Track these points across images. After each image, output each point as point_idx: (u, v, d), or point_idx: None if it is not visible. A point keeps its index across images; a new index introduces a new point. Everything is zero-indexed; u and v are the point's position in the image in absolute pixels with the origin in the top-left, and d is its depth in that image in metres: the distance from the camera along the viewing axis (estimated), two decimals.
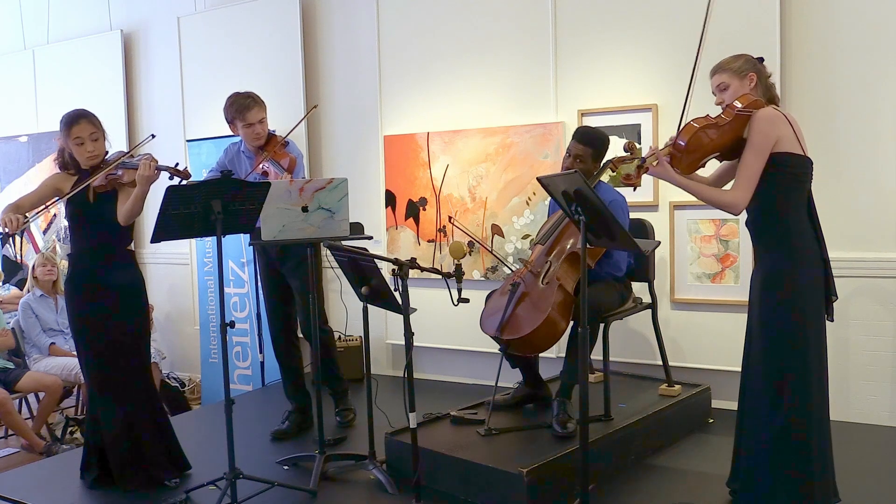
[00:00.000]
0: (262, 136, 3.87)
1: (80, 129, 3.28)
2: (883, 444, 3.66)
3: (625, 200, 3.61)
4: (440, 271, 3.20)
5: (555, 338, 3.38)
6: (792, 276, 2.62)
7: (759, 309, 2.72)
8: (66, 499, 3.33)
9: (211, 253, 5.59)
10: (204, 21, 5.77)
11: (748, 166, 2.61)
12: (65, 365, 4.92)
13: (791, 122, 2.65)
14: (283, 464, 3.59)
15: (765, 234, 2.71)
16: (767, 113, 2.63)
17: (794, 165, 2.63)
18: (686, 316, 4.25)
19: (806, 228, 2.66)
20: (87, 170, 3.33)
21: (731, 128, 2.66)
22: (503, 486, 2.97)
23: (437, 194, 4.89)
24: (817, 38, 3.91)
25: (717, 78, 2.78)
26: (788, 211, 2.65)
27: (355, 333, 5.07)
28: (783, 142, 2.60)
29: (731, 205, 2.66)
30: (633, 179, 2.74)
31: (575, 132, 3.63)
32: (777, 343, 2.64)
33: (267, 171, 3.81)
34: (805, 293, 2.62)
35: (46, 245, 6.76)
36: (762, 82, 2.74)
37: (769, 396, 2.65)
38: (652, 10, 4.22)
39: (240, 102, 3.82)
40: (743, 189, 2.63)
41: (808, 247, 2.65)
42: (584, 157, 3.54)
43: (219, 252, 3.01)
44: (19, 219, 3.14)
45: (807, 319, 2.62)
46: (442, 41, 4.85)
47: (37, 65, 6.75)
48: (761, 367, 2.69)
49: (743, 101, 2.65)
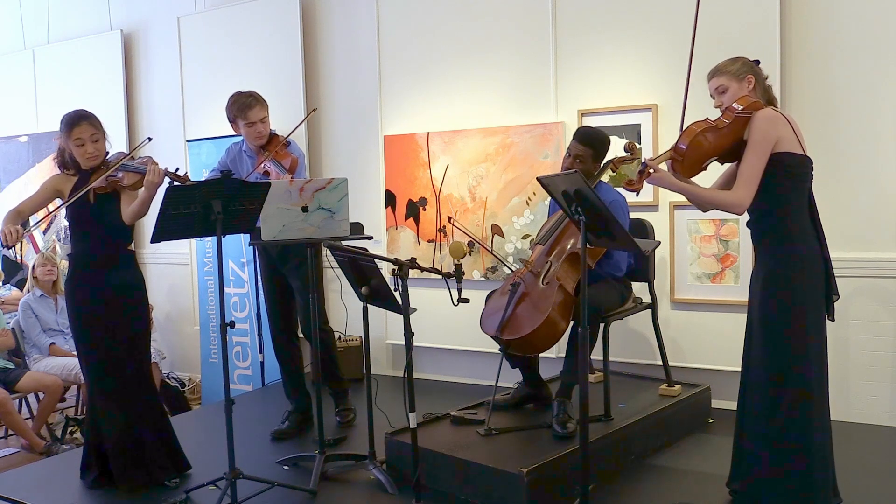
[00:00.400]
0: (264, 135, 3.88)
1: (81, 130, 3.28)
2: (883, 444, 3.66)
3: (625, 201, 3.61)
4: (440, 271, 3.20)
5: (555, 338, 3.38)
6: (793, 275, 2.63)
7: (759, 308, 2.72)
8: (66, 499, 3.33)
9: (211, 253, 5.59)
10: (204, 21, 5.77)
11: (750, 166, 2.62)
12: (65, 365, 4.92)
13: (791, 122, 2.66)
14: (283, 464, 3.59)
15: (766, 233, 2.71)
16: (767, 113, 2.64)
17: (795, 165, 2.64)
18: (686, 316, 4.25)
19: (807, 228, 2.67)
20: (87, 170, 3.33)
21: (731, 130, 2.66)
22: (503, 486, 2.97)
23: (437, 194, 4.89)
24: (817, 38, 3.91)
25: (714, 81, 2.79)
26: (790, 211, 2.65)
27: (355, 333, 5.07)
28: (783, 142, 2.61)
29: (734, 205, 2.66)
30: (636, 185, 2.74)
31: (576, 132, 3.63)
32: (778, 343, 2.65)
33: (268, 171, 3.81)
34: (806, 293, 2.63)
35: (46, 245, 6.76)
36: (760, 84, 2.76)
37: (769, 396, 2.65)
38: (652, 10, 4.22)
39: (241, 101, 3.83)
40: (745, 189, 2.63)
41: (810, 246, 2.65)
42: (584, 158, 3.54)
43: (219, 252, 3.01)
44: (19, 230, 3.14)
45: (808, 319, 2.62)
46: (442, 41, 4.85)
47: (37, 65, 6.75)
48: (762, 367, 2.69)
49: (742, 102, 2.67)
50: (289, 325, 4.12)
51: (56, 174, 3.42)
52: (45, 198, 3.39)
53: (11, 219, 3.25)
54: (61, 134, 3.33)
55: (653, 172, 2.70)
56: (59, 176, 3.40)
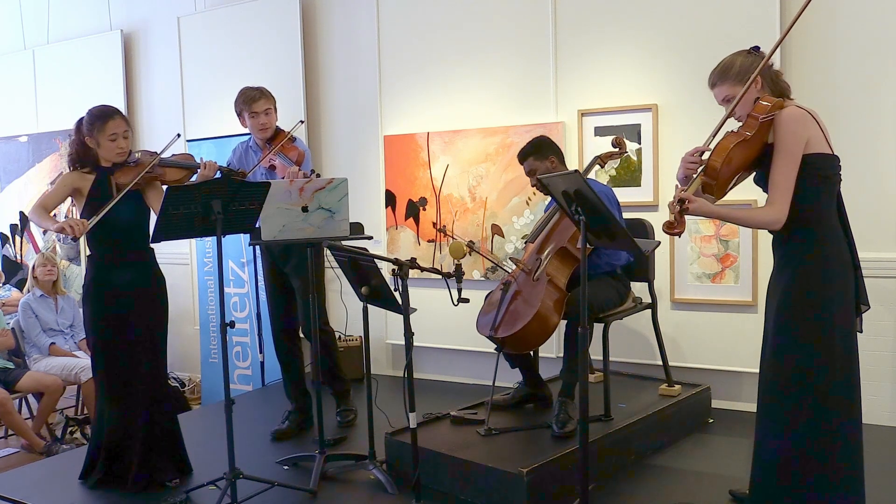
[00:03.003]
0: (268, 127, 3.95)
1: (116, 125, 3.27)
2: (883, 444, 3.66)
3: (612, 191, 3.65)
4: (440, 271, 3.20)
5: (546, 333, 3.37)
6: (821, 283, 2.43)
7: (782, 317, 2.50)
8: (66, 499, 3.33)
9: (211, 253, 5.59)
10: (204, 21, 5.77)
11: (783, 176, 2.39)
12: (65, 365, 4.91)
13: (816, 118, 2.45)
14: (283, 464, 3.59)
15: (792, 239, 2.48)
16: (793, 113, 2.41)
17: (825, 167, 2.43)
18: (686, 316, 4.25)
19: (837, 233, 2.47)
20: (105, 167, 3.31)
21: (757, 139, 2.43)
22: (503, 486, 2.97)
23: (437, 194, 4.89)
24: (817, 38, 3.90)
25: (718, 92, 2.58)
26: (820, 215, 2.44)
27: (355, 333, 5.07)
28: (813, 142, 2.40)
29: (773, 222, 2.43)
30: (677, 227, 2.43)
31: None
32: (802, 353, 2.45)
33: (274, 165, 3.85)
34: (834, 302, 2.42)
35: (46, 245, 6.76)
36: (767, 78, 2.53)
37: (789, 405, 2.48)
38: (652, 10, 4.22)
39: (247, 93, 3.95)
40: (781, 202, 2.40)
41: (840, 252, 2.45)
42: (533, 167, 3.63)
43: (219, 252, 3.01)
44: (84, 223, 3.11)
45: (835, 329, 2.42)
46: (442, 41, 4.85)
47: (37, 65, 6.76)
48: (781, 376, 2.50)
49: (761, 110, 2.42)
50: (291, 324, 4.12)
51: (70, 172, 3.33)
52: (64, 195, 3.32)
53: (44, 214, 3.23)
54: (89, 128, 3.26)
55: (691, 205, 2.41)
56: (74, 173, 3.32)
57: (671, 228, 2.43)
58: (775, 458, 2.52)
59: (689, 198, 2.40)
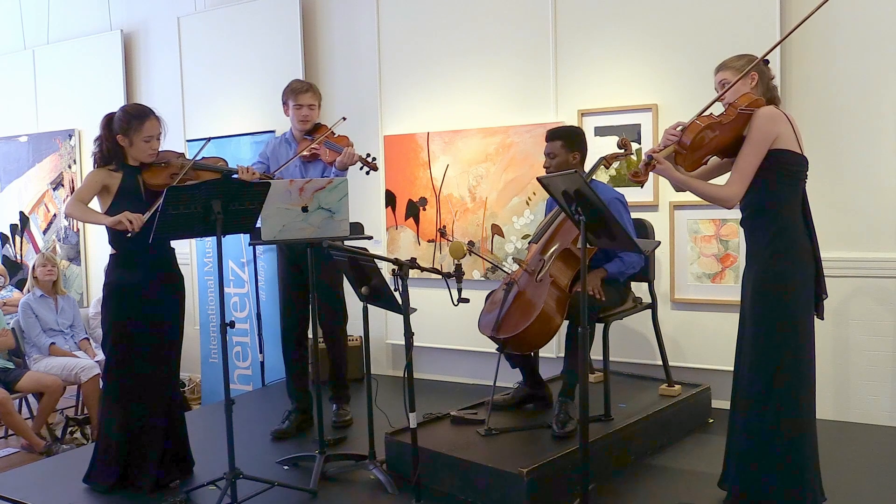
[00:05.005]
0: (308, 120, 4.04)
1: (153, 126, 3.30)
2: (883, 444, 3.66)
3: (624, 197, 3.61)
4: (440, 271, 3.20)
5: (548, 335, 3.37)
6: (785, 274, 2.65)
7: (751, 307, 2.73)
8: (66, 499, 3.33)
9: (211, 253, 5.59)
10: (204, 21, 5.77)
11: (746, 162, 2.65)
12: (65, 365, 4.92)
13: (791, 121, 2.68)
14: (283, 464, 3.59)
15: (758, 231, 2.72)
16: (768, 111, 2.66)
17: (792, 163, 2.66)
18: (686, 316, 4.25)
19: (800, 226, 2.69)
20: (132, 166, 3.30)
21: (733, 126, 2.68)
22: (503, 486, 2.97)
23: (437, 194, 4.89)
24: (817, 38, 3.91)
25: (719, 76, 2.83)
26: (783, 208, 2.67)
27: (355, 333, 5.06)
28: (782, 139, 2.63)
29: (727, 199, 2.70)
30: (641, 176, 2.75)
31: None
32: (769, 341, 2.66)
33: (317, 153, 3.95)
34: (797, 291, 2.65)
35: (46, 245, 6.76)
36: (763, 82, 2.78)
37: (761, 394, 2.67)
38: (652, 10, 4.22)
39: (296, 85, 4.05)
40: (738, 184, 2.67)
41: (802, 245, 2.67)
42: (555, 152, 3.59)
43: (219, 252, 3.01)
44: (140, 216, 3.12)
45: (798, 317, 2.65)
46: (442, 41, 4.85)
47: (37, 65, 6.76)
48: (753, 365, 2.71)
49: (744, 100, 2.68)
50: (303, 323, 4.10)
51: (98, 169, 3.31)
52: (94, 192, 3.28)
53: (87, 209, 3.23)
54: (123, 126, 3.25)
55: (657, 164, 2.73)
56: (102, 171, 3.29)
57: (636, 177, 2.74)
58: (754, 444, 2.69)
59: (658, 158, 2.72)
